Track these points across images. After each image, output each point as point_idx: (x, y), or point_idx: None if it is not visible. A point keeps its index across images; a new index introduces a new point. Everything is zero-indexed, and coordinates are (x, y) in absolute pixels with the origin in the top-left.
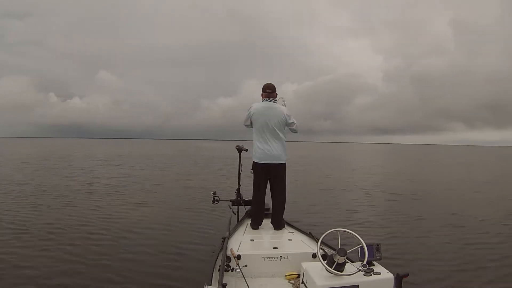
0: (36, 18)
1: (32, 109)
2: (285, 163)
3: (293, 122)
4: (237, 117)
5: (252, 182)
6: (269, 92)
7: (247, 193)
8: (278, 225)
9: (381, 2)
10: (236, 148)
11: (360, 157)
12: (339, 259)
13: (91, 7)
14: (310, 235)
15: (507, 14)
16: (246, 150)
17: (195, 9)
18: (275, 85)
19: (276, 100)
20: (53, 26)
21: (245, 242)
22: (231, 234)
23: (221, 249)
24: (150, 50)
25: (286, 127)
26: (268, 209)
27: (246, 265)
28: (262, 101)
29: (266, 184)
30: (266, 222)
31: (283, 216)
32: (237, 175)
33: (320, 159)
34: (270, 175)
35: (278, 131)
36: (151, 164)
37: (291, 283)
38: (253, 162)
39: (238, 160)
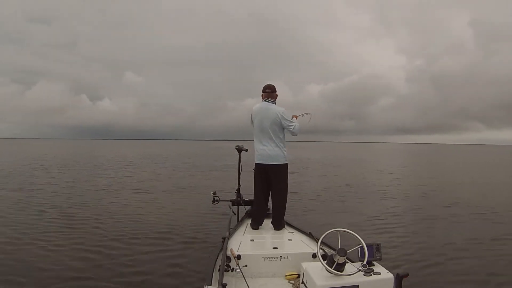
0: (62, 23)
1: (66, 112)
2: (285, 164)
3: (290, 124)
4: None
5: (253, 182)
6: (268, 92)
7: (247, 193)
8: (278, 225)
9: (398, 2)
10: (236, 148)
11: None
12: (339, 259)
13: (111, 11)
14: (310, 235)
15: None
16: (246, 150)
17: (215, 12)
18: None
19: (274, 101)
20: (79, 30)
21: (245, 242)
22: (231, 234)
23: (221, 249)
24: (172, 51)
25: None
26: (268, 209)
27: (246, 265)
28: (262, 101)
29: (267, 185)
30: (266, 222)
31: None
32: (237, 175)
33: (364, 161)
34: (270, 176)
35: (272, 132)
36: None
37: (291, 283)
38: (255, 163)
39: (238, 160)
